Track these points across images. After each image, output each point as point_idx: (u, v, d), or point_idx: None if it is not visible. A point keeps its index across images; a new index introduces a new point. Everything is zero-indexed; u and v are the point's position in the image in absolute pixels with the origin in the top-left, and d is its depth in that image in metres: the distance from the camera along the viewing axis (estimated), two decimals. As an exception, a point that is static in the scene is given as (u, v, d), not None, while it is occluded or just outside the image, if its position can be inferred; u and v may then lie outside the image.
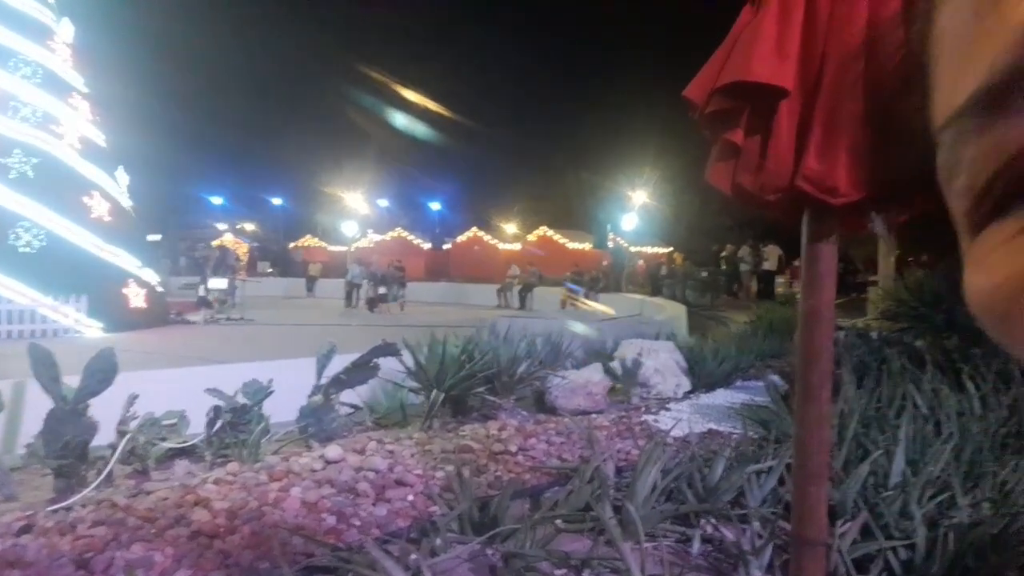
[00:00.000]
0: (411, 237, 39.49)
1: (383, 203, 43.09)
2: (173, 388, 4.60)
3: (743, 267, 21.54)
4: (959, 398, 3.89)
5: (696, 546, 2.92)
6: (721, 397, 6.65)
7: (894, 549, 2.61)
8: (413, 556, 2.61)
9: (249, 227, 46.39)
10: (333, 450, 4.08)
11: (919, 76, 0.29)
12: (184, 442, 4.09)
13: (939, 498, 2.85)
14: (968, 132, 0.24)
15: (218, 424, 4.06)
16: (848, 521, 2.70)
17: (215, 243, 34.98)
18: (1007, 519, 2.68)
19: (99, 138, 12.81)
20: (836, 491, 2.89)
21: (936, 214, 0.30)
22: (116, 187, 12.90)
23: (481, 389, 5.54)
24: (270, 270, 29.51)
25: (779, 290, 20.55)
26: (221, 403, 4.11)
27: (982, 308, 0.25)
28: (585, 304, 7.87)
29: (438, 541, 2.70)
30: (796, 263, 21.03)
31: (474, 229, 38.78)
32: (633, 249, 30.31)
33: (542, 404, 5.88)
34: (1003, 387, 4.01)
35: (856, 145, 1.55)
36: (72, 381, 3.59)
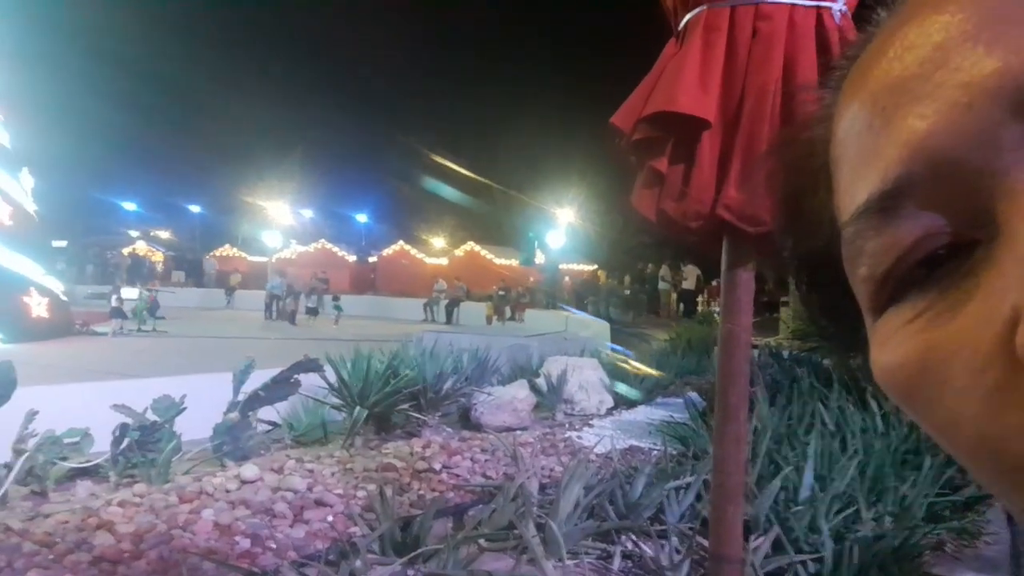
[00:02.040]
0: (336, 249, 38.70)
1: (307, 213, 42.19)
2: (77, 404, 4.35)
3: (662, 286, 22.15)
4: (863, 416, 4.09)
5: (617, 563, 2.95)
6: (642, 414, 6.78)
7: (804, 563, 2.71)
8: (332, 579, 2.54)
9: (164, 235, 44.56)
10: (249, 469, 3.94)
11: (823, 174, 0.32)
12: (87, 462, 3.86)
13: (845, 512, 2.99)
14: (868, 229, 0.27)
15: (125, 442, 3.86)
16: (761, 536, 2.80)
17: (126, 251, 33.48)
18: (907, 532, 2.83)
19: (2, 137, 12.07)
20: (750, 507, 2.98)
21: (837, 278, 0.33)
22: (20, 190, 12.17)
23: (406, 406, 5.47)
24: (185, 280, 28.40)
25: (698, 309, 21.20)
26: (129, 420, 3.91)
27: (888, 384, 0.27)
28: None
29: (358, 563, 2.63)
30: (714, 283, 21.83)
31: (400, 242, 38.41)
32: (560, 266, 30.71)
33: (467, 421, 5.86)
34: (903, 405, 4.25)
35: (772, 177, 1.63)
36: (-37, 397, 3.35)
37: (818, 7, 1.65)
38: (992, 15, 0.23)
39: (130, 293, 14.41)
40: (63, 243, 28.93)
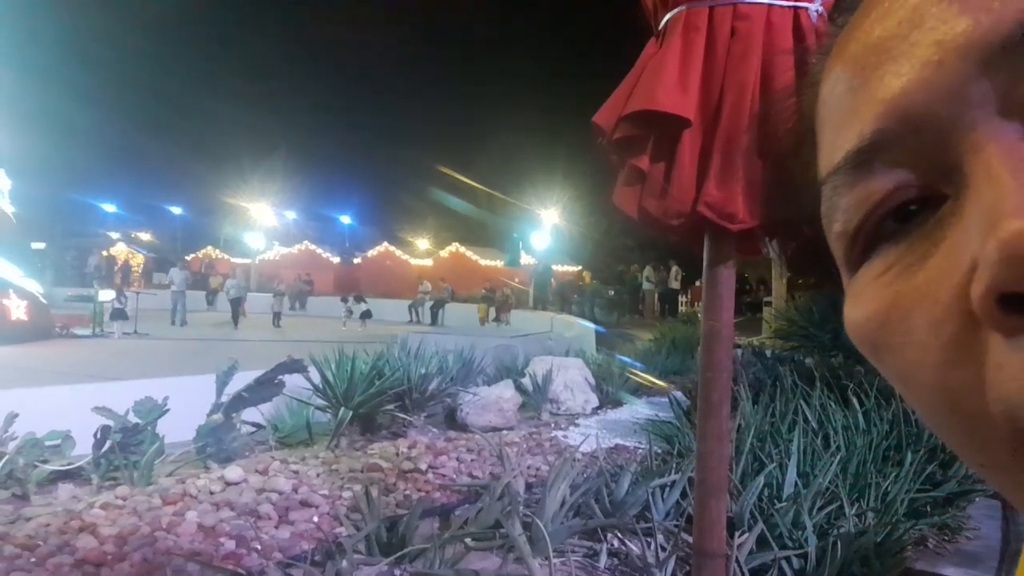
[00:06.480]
0: (319, 250, 38.48)
1: (290, 215, 41.90)
2: (57, 407, 4.30)
3: (646, 286, 22.24)
4: (845, 413, 4.14)
5: (603, 560, 2.97)
6: (627, 413, 6.82)
7: (788, 558, 2.74)
8: (318, 580, 2.54)
9: (144, 236, 44.11)
10: (233, 471, 3.92)
11: (809, 136, 0.33)
12: (68, 464, 3.83)
13: (828, 509, 3.02)
14: (842, 186, 0.28)
15: (107, 445, 3.83)
16: (745, 532, 2.82)
17: (105, 253, 33.12)
18: (888, 527, 2.87)
19: (-22, 139, 11.93)
20: (734, 504, 3.01)
21: (821, 243, 0.34)
22: (-4, 191, 12.03)
23: (391, 406, 5.46)
24: (168, 281, 28.15)
25: (680, 309, 21.31)
26: (110, 422, 3.88)
27: (857, 337, 0.28)
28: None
29: (344, 563, 2.63)
30: (697, 284, 21.96)
31: (385, 244, 38.24)
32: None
33: (453, 421, 5.86)
34: (884, 403, 4.29)
35: (751, 175, 1.65)
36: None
37: (795, 7, 1.68)
38: None
39: (106, 295, 14.22)
40: (42, 245, 28.57)
